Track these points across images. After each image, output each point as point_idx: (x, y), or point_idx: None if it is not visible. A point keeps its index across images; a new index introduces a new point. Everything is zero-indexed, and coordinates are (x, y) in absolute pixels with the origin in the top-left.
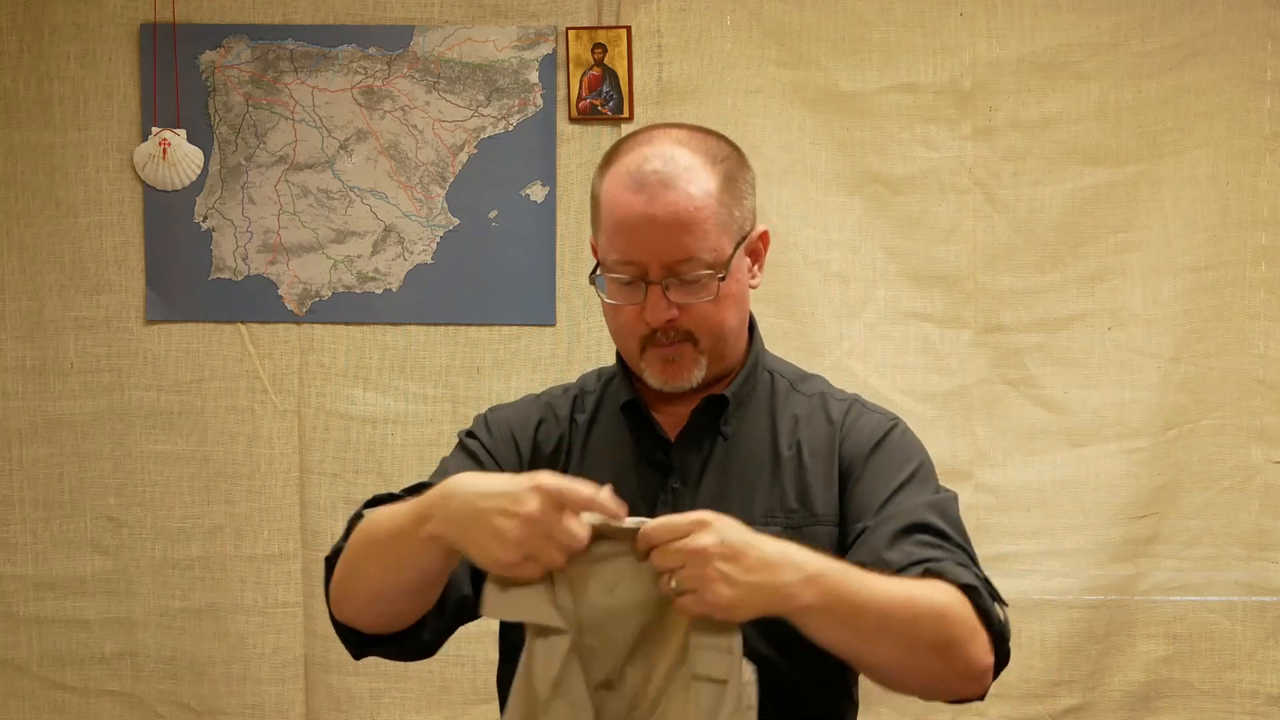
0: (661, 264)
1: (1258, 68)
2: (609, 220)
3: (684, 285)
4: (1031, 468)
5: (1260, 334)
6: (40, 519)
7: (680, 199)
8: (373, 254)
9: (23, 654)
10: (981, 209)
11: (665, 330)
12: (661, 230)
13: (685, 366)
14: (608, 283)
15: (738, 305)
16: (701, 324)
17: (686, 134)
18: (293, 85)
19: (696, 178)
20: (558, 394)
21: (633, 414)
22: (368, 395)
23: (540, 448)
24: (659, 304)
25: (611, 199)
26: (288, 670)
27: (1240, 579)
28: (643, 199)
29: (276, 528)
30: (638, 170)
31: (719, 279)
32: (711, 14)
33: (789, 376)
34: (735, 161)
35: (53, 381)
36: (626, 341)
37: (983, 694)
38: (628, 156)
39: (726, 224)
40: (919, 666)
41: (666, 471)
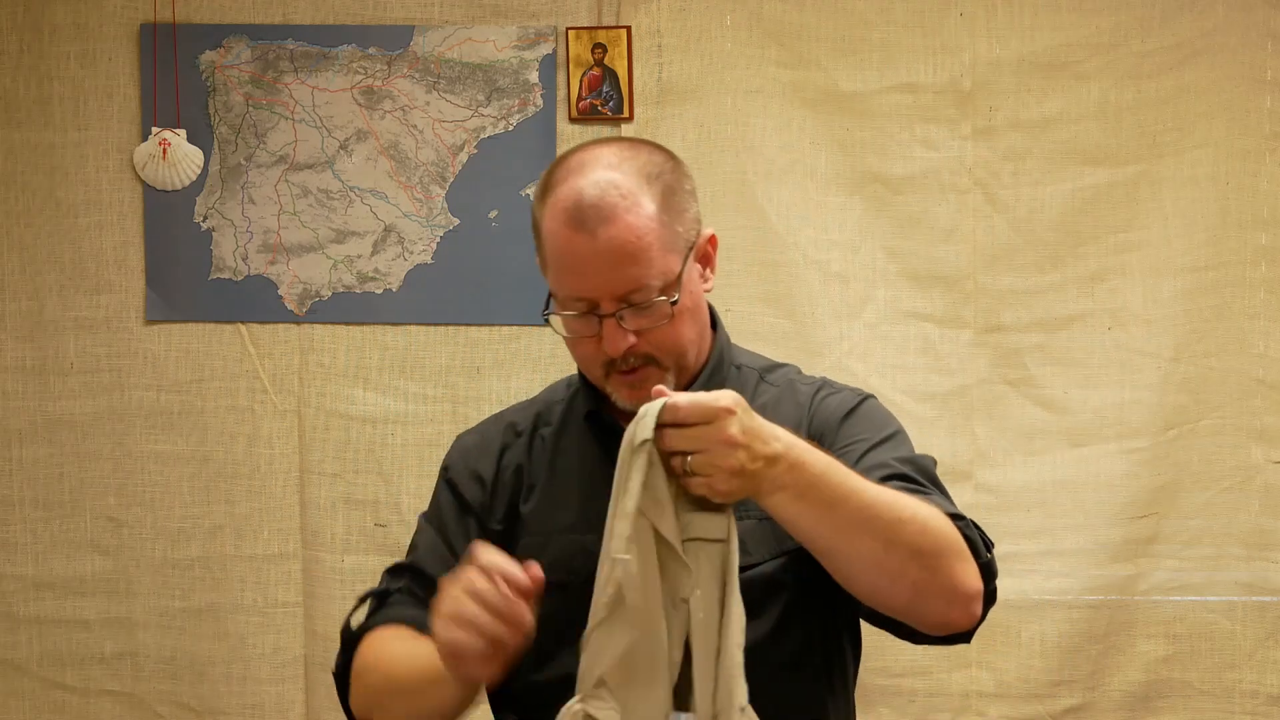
0: (612, 297)
1: (1258, 68)
2: (553, 258)
3: (638, 312)
4: (1031, 468)
5: (1260, 334)
6: (40, 519)
7: (621, 231)
8: (373, 254)
9: (23, 654)
10: (981, 209)
11: (625, 357)
12: (607, 266)
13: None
14: (561, 319)
15: (694, 316)
16: (660, 345)
17: (617, 155)
18: (293, 85)
19: (635, 204)
20: (521, 409)
21: (597, 422)
22: (368, 395)
23: (502, 475)
24: (615, 335)
25: (553, 237)
26: (288, 670)
27: (1240, 579)
28: (584, 237)
29: (276, 528)
30: (575, 205)
31: (672, 302)
32: (711, 14)
33: (757, 368)
34: (671, 173)
35: (53, 381)
36: (590, 370)
37: (972, 624)
38: (563, 187)
39: (671, 243)
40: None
41: None
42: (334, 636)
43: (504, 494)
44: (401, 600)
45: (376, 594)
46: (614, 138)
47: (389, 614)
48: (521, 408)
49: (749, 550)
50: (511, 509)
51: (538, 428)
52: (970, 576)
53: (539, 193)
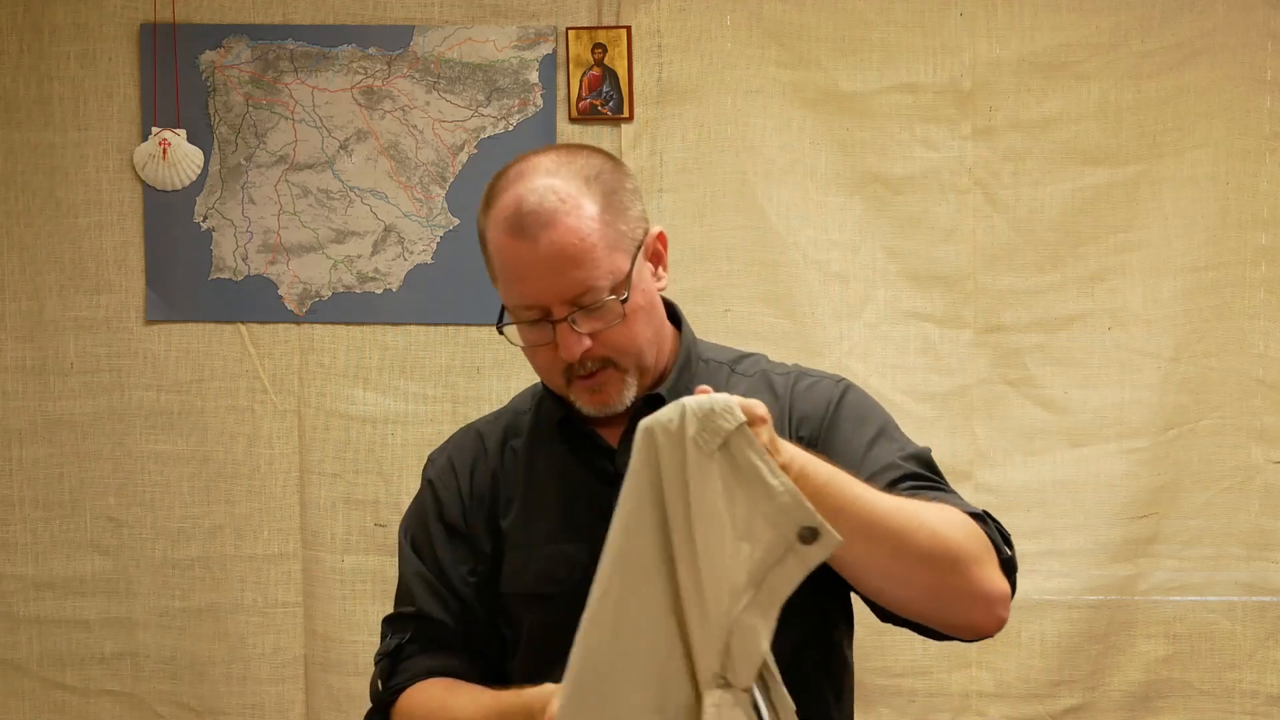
0: (561, 301)
1: (1258, 68)
2: (501, 269)
3: (589, 314)
4: (1031, 468)
5: (1260, 334)
6: (40, 519)
7: (563, 235)
8: (373, 254)
9: (23, 654)
10: (981, 209)
11: (582, 362)
12: (552, 270)
13: (613, 391)
14: (515, 329)
15: (648, 315)
16: (617, 347)
17: (554, 160)
18: (293, 85)
19: (575, 207)
20: (489, 422)
21: (569, 429)
22: (368, 395)
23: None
24: (569, 339)
25: (498, 248)
26: (288, 670)
27: (1240, 579)
28: (526, 244)
29: (276, 528)
30: (515, 214)
31: (622, 300)
32: (711, 14)
33: (726, 361)
34: (610, 174)
35: (53, 381)
36: (551, 377)
37: (997, 626)
38: (503, 198)
39: (616, 242)
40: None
41: (614, 481)
42: (334, 636)
43: (482, 509)
44: (416, 653)
45: (388, 654)
46: (552, 145)
47: (414, 667)
48: (489, 420)
49: None
50: (491, 522)
51: (507, 439)
52: (993, 579)
53: (482, 206)
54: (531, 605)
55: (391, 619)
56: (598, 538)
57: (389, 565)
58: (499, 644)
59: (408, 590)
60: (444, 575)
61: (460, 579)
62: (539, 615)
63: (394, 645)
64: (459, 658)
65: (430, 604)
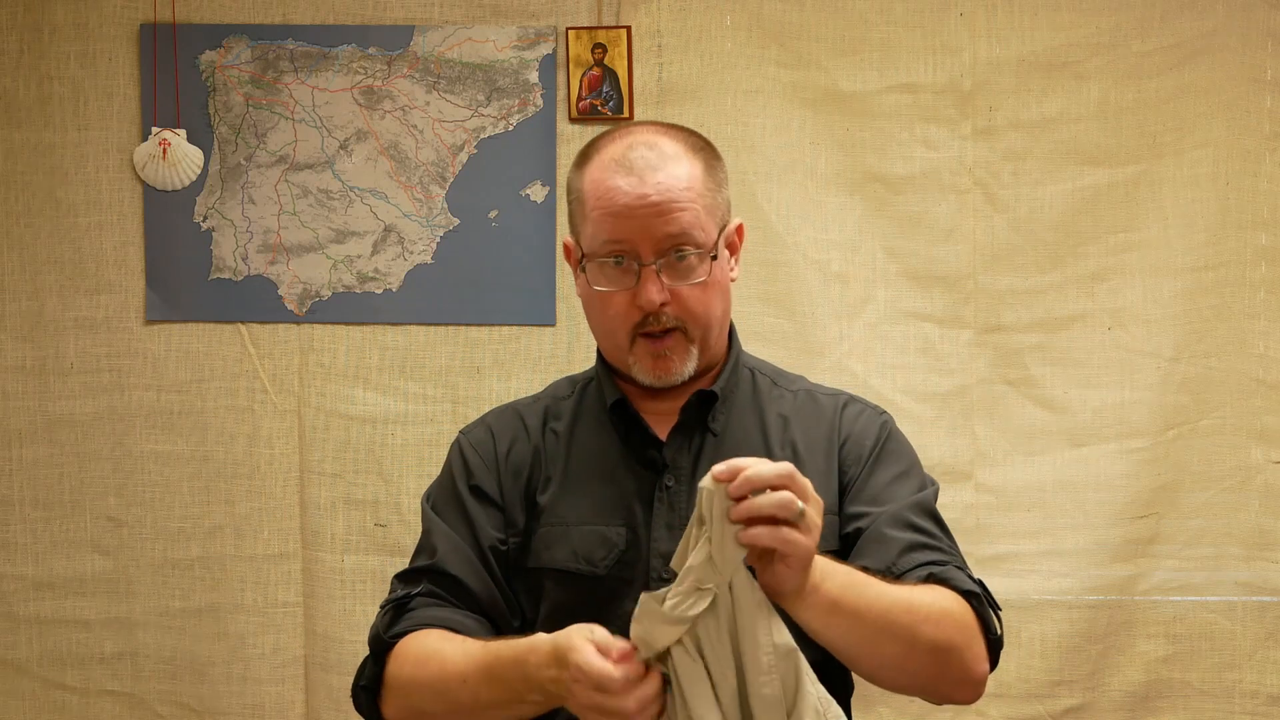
0: (654, 244)
1: (1258, 68)
2: (597, 207)
3: (675, 267)
4: (1031, 468)
5: (1260, 334)
6: (40, 519)
7: (670, 179)
8: (373, 254)
9: (23, 654)
10: (981, 209)
11: (657, 315)
12: (653, 210)
13: (677, 360)
14: (596, 270)
15: (722, 295)
16: (691, 311)
17: (663, 127)
18: (293, 85)
19: (682, 162)
20: (527, 404)
21: (620, 413)
22: (368, 395)
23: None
24: (652, 286)
25: (598, 185)
26: (288, 670)
27: (1240, 579)
28: (633, 180)
29: (276, 528)
30: (623, 156)
31: (711, 258)
32: (711, 14)
33: (768, 374)
34: (711, 153)
35: (53, 381)
36: (616, 333)
37: (975, 699)
38: (610, 147)
39: (711, 208)
40: (919, 669)
41: (659, 469)
42: (334, 636)
43: (519, 483)
44: (424, 604)
45: (395, 602)
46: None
47: (418, 618)
48: (527, 402)
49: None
50: (527, 498)
51: (548, 420)
52: (979, 664)
53: (579, 162)
54: (561, 582)
55: (403, 573)
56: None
57: (389, 565)
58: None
59: (429, 544)
60: (471, 536)
61: (489, 541)
62: (566, 593)
63: (401, 595)
64: (469, 617)
65: (453, 561)
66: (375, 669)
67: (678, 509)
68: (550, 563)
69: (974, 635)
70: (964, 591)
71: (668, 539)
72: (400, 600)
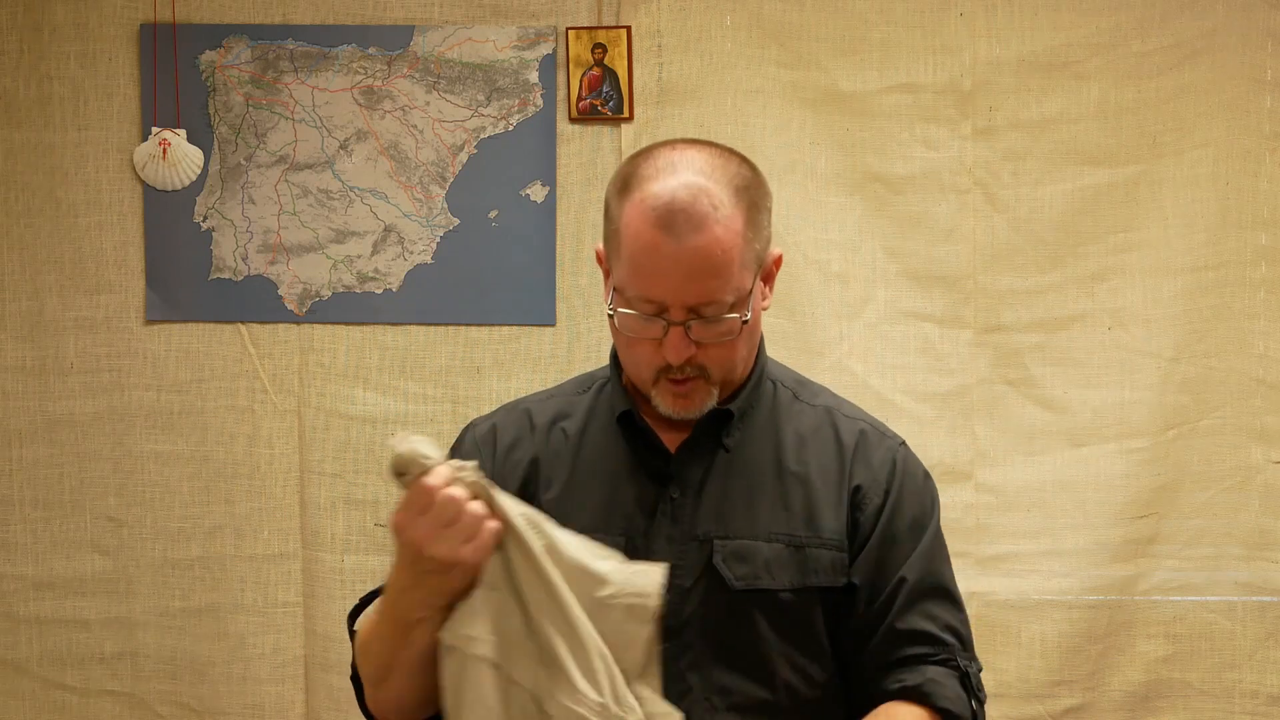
0: (685, 305)
1: (1258, 68)
2: (631, 252)
3: (706, 324)
4: (1031, 468)
5: (1260, 334)
6: (40, 519)
7: (709, 242)
8: (373, 254)
9: (23, 654)
10: (981, 209)
11: (681, 366)
12: (687, 274)
13: (698, 399)
14: (625, 316)
15: (751, 334)
16: (718, 360)
17: (708, 161)
18: (293, 85)
19: (724, 216)
20: (539, 401)
21: (628, 424)
22: (368, 395)
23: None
24: (679, 343)
25: (635, 233)
26: (288, 670)
27: (1240, 579)
28: (670, 240)
29: (276, 528)
30: (665, 207)
31: (744, 320)
32: (711, 14)
33: (790, 385)
34: (756, 188)
35: (53, 381)
36: (640, 370)
37: None
38: (652, 185)
39: (749, 260)
40: None
41: (665, 481)
42: (334, 636)
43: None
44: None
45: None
46: (701, 141)
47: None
48: (539, 399)
49: (773, 574)
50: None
51: (557, 420)
52: None
53: (620, 185)
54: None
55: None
56: (636, 533)
57: (389, 565)
58: None
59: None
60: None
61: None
62: None
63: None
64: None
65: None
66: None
67: (681, 522)
68: None
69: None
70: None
71: (668, 551)
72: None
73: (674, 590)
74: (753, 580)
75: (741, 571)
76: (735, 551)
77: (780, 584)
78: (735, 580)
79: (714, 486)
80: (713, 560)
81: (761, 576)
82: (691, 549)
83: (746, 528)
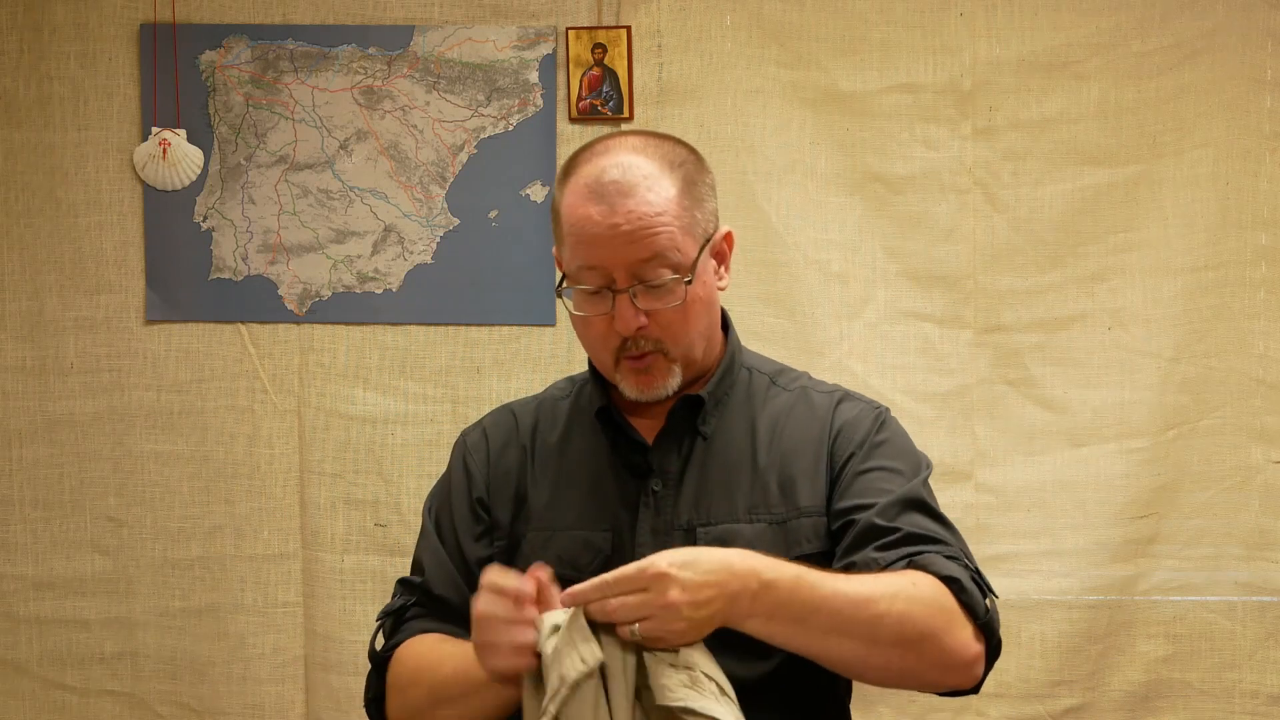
0: (627, 270)
1: (1258, 68)
2: (571, 232)
3: (651, 291)
4: (1031, 468)
5: (1260, 334)
6: (40, 519)
7: (640, 205)
8: (373, 254)
9: (23, 654)
10: (981, 209)
11: (635, 339)
12: (624, 237)
13: (659, 377)
14: (575, 294)
15: (706, 309)
16: (670, 331)
17: (642, 141)
18: (293, 85)
19: (655, 184)
20: (523, 404)
21: (606, 419)
22: (368, 395)
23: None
24: (627, 312)
25: (572, 210)
26: (288, 670)
27: (1240, 579)
28: (603, 209)
29: (276, 528)
30: (596, 181)
31: (686, 282)
32: (711, 14)
33: (768, 372)
34: (693, 165)
35: (53, 381)
36: (599, 354)
37: (974, 684)
38: (585, 167)
39: (689, 227)
40: (887, 663)
41: (645, 475)
42: (334, 636)
43: (509, 486)
44: (419, 614)
45: (394, 612)
46: (639, 129)
47: (415, 628)
48: (524, 402)
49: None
50: (517, 501)
51: (539, 422)
52: (964, 643)
53: (560, 177)
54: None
55: (403, 580)
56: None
57: (389, 565)
58: None
59: (419, 561)
60: (457, 554)
61: (475, 559)
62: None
63: (399, 605)
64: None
65: (437, 580)
66: (378, 681)
67: (664, 513)
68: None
69: (953, 618)
70: (942, 576)
71: (652, 544)
72: (397, 611)
73: None
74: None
75: None
76: (718, 537)
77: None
78: None
79: (693, 475)
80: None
81: None
82: (676, 539)
83: (727, 512)
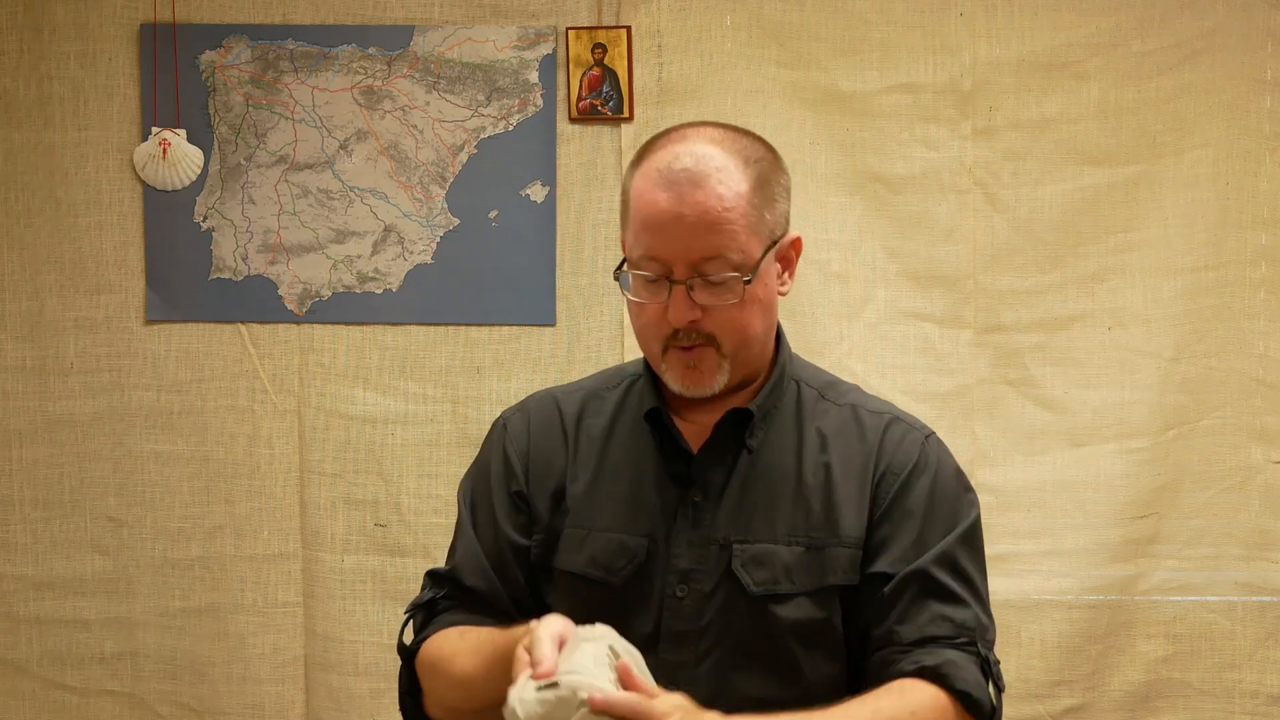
0: (687, 263)
1: (1258, 68)
2: (637, 216)
3: (709, 286)
4: (1031, 468)
5: (1260, 334)
6: (40, 519)
7: (709, 198)
8: (373, 254)
9: (23, 654)
10: (981, 209)
11: (687, 331)
12: (688, 229)
13: (707, 372)
14: (633, 279)
15: (764, 311)
16: (724, 328)
17: (721, 133)
18: (293, 85)
19: (727, 178)
20: (567, 392)
21: (655, 422)
22: (368, 395)
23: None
24: (682, 304)
25: (640, 195)
26: (288, 670)
27: (1240, 579)
28: (671, 196)
29: (276, 528)
30: (668, 168)
31: (745, 282)
32: (711, 14)
33: (817, 385)
34: (769, 164)
35: (53, 381)
36: (649, 342)
37: None
38: (660, 153)
39: (756, 226)
40: None
41: (687, 484)
42: (334, 636)
43: (550, 477)
44: (449, 608)
45: (423, 605)
46: (721, 122)
47: (444, 621)
48: (568, 390)
49: (792, 579)
50: (556, 493)
51: (585, 413)
52: None
53: (634, 160)
54: (577, 587)
55: (433, 572)
56: (658, 536)
57: (389, 565)
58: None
59: (454, 546)
60: (494, 541)
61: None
62: (582, 598)
63: (428, 598)
64: (492, 618)
65: (467, 569)
66: (408, 674)
67: (701, 526)
68: (570, 566)
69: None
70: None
71: (687, 555)
72: (427, 604)
73: (694, 595)
74: (771, 585)
75: (760, 576)
76: (755, 556)
77: (799, 588)
78: (753, 585)
79: (734, 490)
80: (731, 565)
81: (780, 581)
82: (711, 553)
83: (766, 531)
